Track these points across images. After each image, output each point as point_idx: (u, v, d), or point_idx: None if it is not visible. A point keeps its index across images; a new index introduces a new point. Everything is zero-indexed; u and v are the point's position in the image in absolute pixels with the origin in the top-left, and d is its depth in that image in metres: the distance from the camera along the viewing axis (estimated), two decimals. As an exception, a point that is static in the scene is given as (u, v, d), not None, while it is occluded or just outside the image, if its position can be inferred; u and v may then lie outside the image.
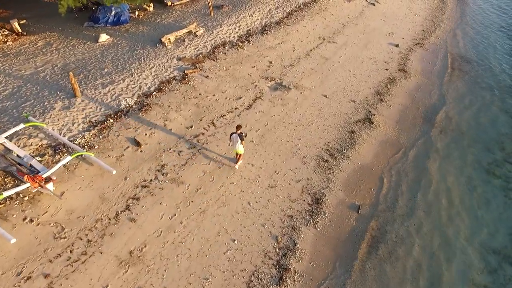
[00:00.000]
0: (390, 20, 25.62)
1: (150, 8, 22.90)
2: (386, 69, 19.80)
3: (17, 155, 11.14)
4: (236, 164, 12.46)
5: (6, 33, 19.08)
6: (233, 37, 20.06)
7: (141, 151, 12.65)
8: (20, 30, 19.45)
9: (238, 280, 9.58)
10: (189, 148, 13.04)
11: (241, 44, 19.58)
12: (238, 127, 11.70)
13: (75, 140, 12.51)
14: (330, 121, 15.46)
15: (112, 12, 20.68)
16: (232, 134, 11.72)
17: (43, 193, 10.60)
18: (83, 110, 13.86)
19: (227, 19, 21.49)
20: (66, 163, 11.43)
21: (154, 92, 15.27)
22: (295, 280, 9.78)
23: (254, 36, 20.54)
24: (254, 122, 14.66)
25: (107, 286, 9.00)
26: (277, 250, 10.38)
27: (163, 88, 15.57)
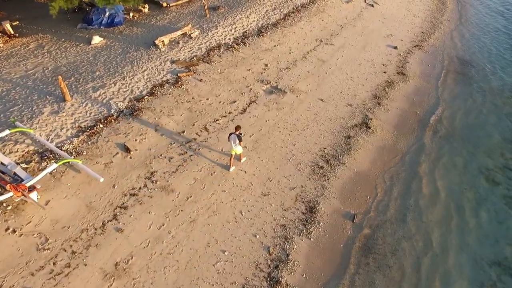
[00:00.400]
0: (388, 21, 25.26)
1: (145, 10, 22.59)
2: (384, 72, 19.44)
3: (1, 163, 10.81)
4: (240, 160, 12.70)
5: (-2, 35, 18.79)
6: (229, 39, 19.73)
7: (130, 157, 12.32)
8: (12, 32, 19.13)
9: (228, 294, 9.25)
10: (180, 154, 12.70)
11: (236, 46, 19.24)
12: (237, 127, 11.63)
13: (62, 146, 12.18)
14: (326, 125, 15.10)
15: (106, 14, 20.36)
16: (231, 134, 11.62)
17: (27, 201, 10.27)
18: (72, 115, 13.53)
19: (223, 21, 21.16)
20: (52, 171, 11.10)
21: (146, 96, 14.94)
22: (287, 293, 9.45)
23: (250, 38, 20.21)
24: (248, 127, 14.31)
25: (90, 300, 8.68)
26: (268, 262, 10.03)
27: (156, 92, 15.24)
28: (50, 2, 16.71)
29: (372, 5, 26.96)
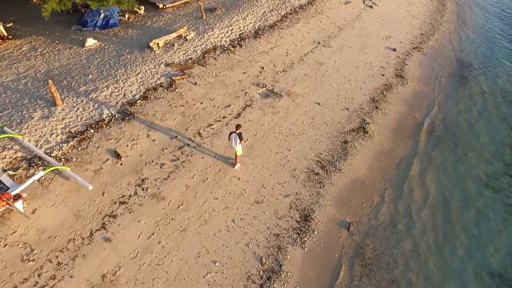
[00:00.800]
0: (387, 23, 24.93)
1: (141, 11, 22.30)
2: (383, 75, 19.13)
3: (-13, 170, 10.56)
4: (234, 167, 12.47)
5: (-9, 37, 18.53)
6: (225, 41, 19.44)
7: (121, 164, 12.04)
8: (5, 34, 18.86)
9: (218, 307, 8.97)
10: (172, 161, 12.42)
11: (232, 48, 18.95)
12: (238, 126, 11.56)
13: (52, 153, 11.90)
14: (322, 130, 14.80)
15: (101, 15, 20.09)
16: (231, 133, 11.56)
17: (13, 210, 10.00)
18: (62, 119, 13.26)
19: (219, 23, 20.87)
20: (40, 178, 10.83)
21: (139, 100, 14.66)
22: (279, 306, 9.16)
23: (247, 40, 19.91)
24: (243, 132, 13.98)
25: (75, 314, 8.41)
26: (261, 273, 9.74)
27: (149, 96, 14.97)
28: (42, 4, 16.42)
29: (371, 6, 26.64)
